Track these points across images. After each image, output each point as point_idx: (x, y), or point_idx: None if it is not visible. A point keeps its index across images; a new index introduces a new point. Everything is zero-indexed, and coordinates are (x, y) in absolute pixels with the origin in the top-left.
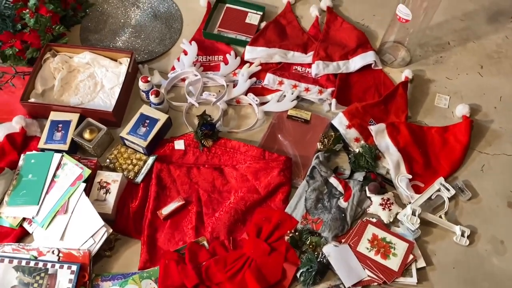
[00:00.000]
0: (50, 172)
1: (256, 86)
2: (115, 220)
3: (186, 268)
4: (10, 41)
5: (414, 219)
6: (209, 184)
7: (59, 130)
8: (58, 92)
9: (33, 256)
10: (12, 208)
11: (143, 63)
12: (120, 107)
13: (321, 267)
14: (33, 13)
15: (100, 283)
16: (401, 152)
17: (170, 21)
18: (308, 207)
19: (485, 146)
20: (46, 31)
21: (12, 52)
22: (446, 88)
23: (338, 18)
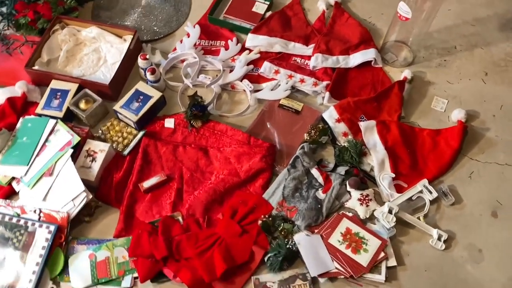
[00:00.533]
0: (43, 137)
1: (252, 73)
2: (98, 188)
3: (158, 240)
4: (24, 10)
5: (390, 217)
6: (193, 164)
7: (57, 98)
8: (63, 63)
9: (16, 213)
10: (4, 166)
11: (148, 42)
12: (117, 82)
13: (289, 254)
14: None
15: (75, 246)
16: (388, 150)
17: (179, 4)
18: (285, 194)
19: (478, 153)
20: (58, 4)
21: (25, 21)
22: (445, 92)
23: (345, 13)
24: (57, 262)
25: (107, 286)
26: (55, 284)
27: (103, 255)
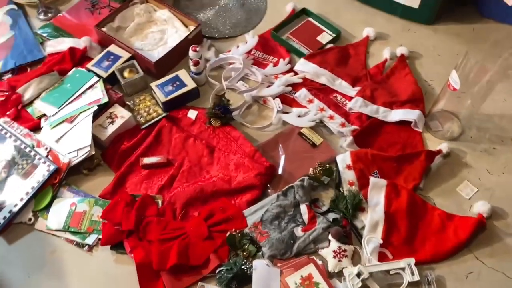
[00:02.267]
0: (82, 89)
1: (287, 95)
2: (106, 148)
3: (130, 213)
4: None
5: (356, 281)
6: (196, 158)
7: (108, 60)
8: (129, 33)
9: (32, 145)
10: (42, 103)
11: (209, 38)
12: (164, 64)
13: (241, 275)
14: None
15: (65, 191)
16: (387, 215)
17: (253, 14)
18: (264, 218)
19: (487, 255)
20: None
21: None
22: (479, 180)
23: (406, 68)
24: (44, 199)
25: (73, 236)
26: (34, 217)
27: (82, 208)
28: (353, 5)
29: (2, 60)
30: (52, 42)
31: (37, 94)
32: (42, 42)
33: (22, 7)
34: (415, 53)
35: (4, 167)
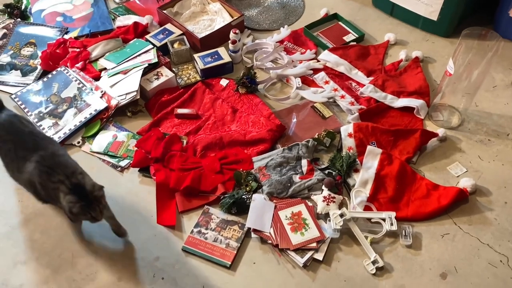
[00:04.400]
0: (138, 52)
1: (308, 76)
2: (149, 99)
3: (159, 145)
4: None
5: (339, 220)
6: (221, 115)
7: (163, 34)
8: (184, 18)
9: (91, 88)
10: (105, 60)
11: (250, 28)
12: (208, 41)
13: (241, 203)
14: None
15: (110, 125)
16: (377, 176)
17: (291, 14)
18: (268, 164)
19: (465, 222)
20: None
21: None
22: (470, 163)
23: (419, 68)
24: (93, 129)
25: (110, 158)
26: (82, 141)
27: (121, 139)
28: (380, 16)
29: (80, 27)
30: (121, 18)
31: (102, 53)
32: (113, 19)
33: None
34: (430, 59)
35: (66, 101)
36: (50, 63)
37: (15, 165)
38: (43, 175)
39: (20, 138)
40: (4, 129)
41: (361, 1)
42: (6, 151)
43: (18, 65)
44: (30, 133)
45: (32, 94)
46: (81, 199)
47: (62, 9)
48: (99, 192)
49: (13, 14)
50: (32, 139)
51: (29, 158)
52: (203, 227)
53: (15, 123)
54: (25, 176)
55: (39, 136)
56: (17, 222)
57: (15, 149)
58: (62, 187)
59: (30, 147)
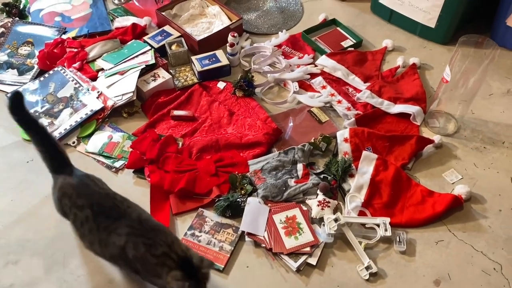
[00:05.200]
0: (136, 53)
1: (305, 81)
2: (145, 100)
3: (155, 146)
4: None
5: (333, 224)
6: (218, 118)
7: (161, 36)
8: (183, 20)
9: (87, 88)
10: (103, 61)
11: (248, 32)
12: (206, 44)
13: (235, 207)
14: None
15: (106, 126)
16: (372, 182)
17: (289, 18)
18: (264, 167)
19: (459, 229)
20: None
21: None
22: (465, 171)
23: (416, 75)
24: (88, 129)
25: (105, 159)
26: (77, 141)
27: (116, 139)
28: (379, 22)
29: (79, 28)
30: (120, 19)
31: (100, 54)
32: (112, 19)
33: None
34: (427, 65)
35: (62, 101)
36: (47, 62)
37: (95, 237)
38: (141, 248)
39: (98, 203)
40: (78, 193)
41: (360, 7)
42: (83, 220)
43: (15, 64)
44: (107, 195)
45: (28, 93)
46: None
47: (60, 9)
48: (208, 269)
49: (12, 13)
50: (112, 204)
51: (115, 229)
52: (197, 229)
53: (89, 185)
54: (114, 251)
55: (117, 199)
56: (10, 222)
57: (94, 217)
58: (169, 262)
59: (112, 213)
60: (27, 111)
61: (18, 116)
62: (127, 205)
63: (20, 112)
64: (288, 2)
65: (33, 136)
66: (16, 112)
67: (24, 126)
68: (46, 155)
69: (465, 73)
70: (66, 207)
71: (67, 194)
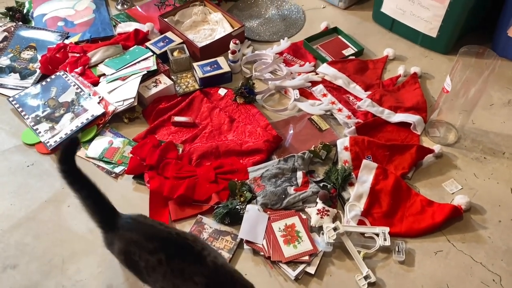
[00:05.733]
0: (137, 59)
1: (306, 88)
2: (146, 106)
3: (155, 152)
4: None
5: (332, 233)
6: (218, 124)
7: (164, 42)
8: (185, 27)
9: (89, 94)
10: (105, 66)
11: (250, 39)
12: (208, 50)
13: (234, 214)
14: None
15: (106, 131)
16: (372, 191)
17: (291, 26)
18: (264, 174)
19: (458, 240)
20: None
21: None
22: (465, 181)
23: (417, 84)
24: (89, 134)
25: (105, 164)
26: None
27: (116, 145)
28: (380, 31)
29: (81, 33)
30: (122, 24)
31: (102, 59)
32: (115, 25)
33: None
34: (428, 75)
35: (64, 105)
36: (50, 67)
37: (168, 283)
38: None
39: (170, 245)
40: (146, 236)
41: (362, 16)
42: (155, 265)
43: (17, 68)
44: (178, 235)
45: (30, 97)
46: None
47: (63, 14)
48: None
49: (15, 17)
50: (185, 244)
51: (191, 275)
52: None
53: (153, 225)
54: None
55: (189, 238)
56: (9, 226)
57: (168, 260)
58: None
59: (186, 256)
60: (75, 162)
61: (67, 166)
62: (201, 247)
63: (70, 161)
64: (290, 10)
65: (80, 190)
66: (66, 161)
67: (71, 178)
68: (95, 210)
69: (466, 83)
70: (135, 255)
71: (133, 240)
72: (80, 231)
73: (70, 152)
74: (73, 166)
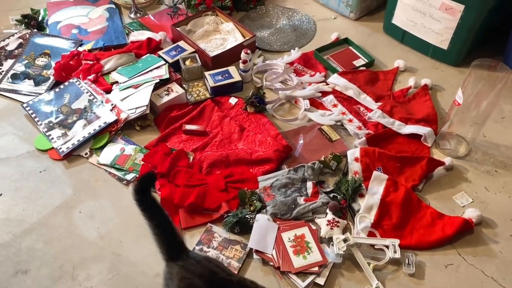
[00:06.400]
0: (150, 68)
1: (316, 98)
2: (158, 114)
3: (166, 160)
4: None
5: (342, 245)
6: (229, 133)
7: (176, 51)
8: (197, 36)
9: (101, 101)
10: (117, 73)
11: (261, 49)
12: (219, 60)
13: (244, 223)
14: None
15: (118, 138)
16: (382, 203)
17: (302, 36)
18: (274, 184)
19: (469, 253)
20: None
21: (194, 3)
22: (476, 194)
23: (427, 96)
24: (101, 141)
25: (117, 171)
26: (90, 152)
27: (128, 152)
28: (391, 42)
29: (94, 40)
30: (135, 33)
31: (115, 67)
32: (127, 33)
33: (119, 7)
34: (439, 87)
35: (76, 112)
36: (63, 74)
37: None
38: None
39: None
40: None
41: (372, 27)
42: None
43: (31, 75)
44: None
45: (43, 104)
46: None
47: (78, 21)
48: None
49: (30, 24)
50: None
51: None
52: (205, 245)
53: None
54: None
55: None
56: (20, 231)
57: None
58: None
59: None
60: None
61: (141, 197)
62: None
63: (145, 193)
64: (301, 20)
65: (152, 220)
66: (142, 192)
67: (144, 207)
68: (163, 241)
69: (478, 97)
70: None
71: (194, 285)
72: (91, 237)
73: (146, 184)
74: (148, 197)
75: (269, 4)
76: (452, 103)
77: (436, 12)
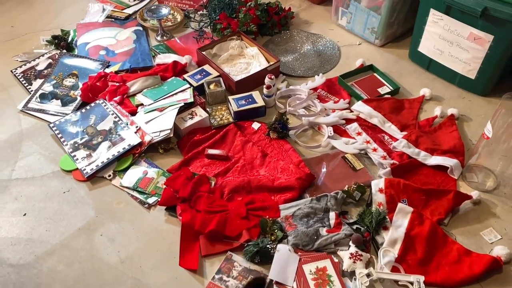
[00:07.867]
0: (175, 91)
1: (340, 126)
2: (181, 137)
3: (188, 185)
4: (223, 20)
5: (365, 280)
6: (251, 158)
7: (201, 75)
8: (222, 60)
9: (126, 123)
10: (143, 96)
11: (284, 74)
12: (243, 84)
13: (265, 253)
14: (246, 10)
15: (142, 161)
16: (407, 236)
17: (326, 62)
18: (296, 213)
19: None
20: (244, 24)
21: (219, 27)
22: (505, 231)
23: (454, 126)
24: (124, 163)
25: (139, 194)
26: (113, 174)
27: (151, 175)
28: (417, 70)
29: (121, 62)
30: (161, 55)
31: (140, 89)
32: (154, 55)
33: (146, 29)
34: (466, 117)
35: (101, 134)
36: (90, 95)
37: None
38: None
39: None
40: None
41: (398, 54)
42: None
43: (59, 95)
44: None
45: (69, 124)
46: None
47: (105, 43)
48: None
49: (60, 45)
50: None
51: None
52: (225, 274)
53: None
54: None
55: None
56: (43, 252)
57: None
58: None
59: None
60: None
61: None
62: None
63: None
64: (326, 46)
65: None
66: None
67: None
68: None
69: (508, 130)
70: None
71: None
72: (111, 261)
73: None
74: None
75: (293, 29)
76: (480, 136)
77: (464, 41)
